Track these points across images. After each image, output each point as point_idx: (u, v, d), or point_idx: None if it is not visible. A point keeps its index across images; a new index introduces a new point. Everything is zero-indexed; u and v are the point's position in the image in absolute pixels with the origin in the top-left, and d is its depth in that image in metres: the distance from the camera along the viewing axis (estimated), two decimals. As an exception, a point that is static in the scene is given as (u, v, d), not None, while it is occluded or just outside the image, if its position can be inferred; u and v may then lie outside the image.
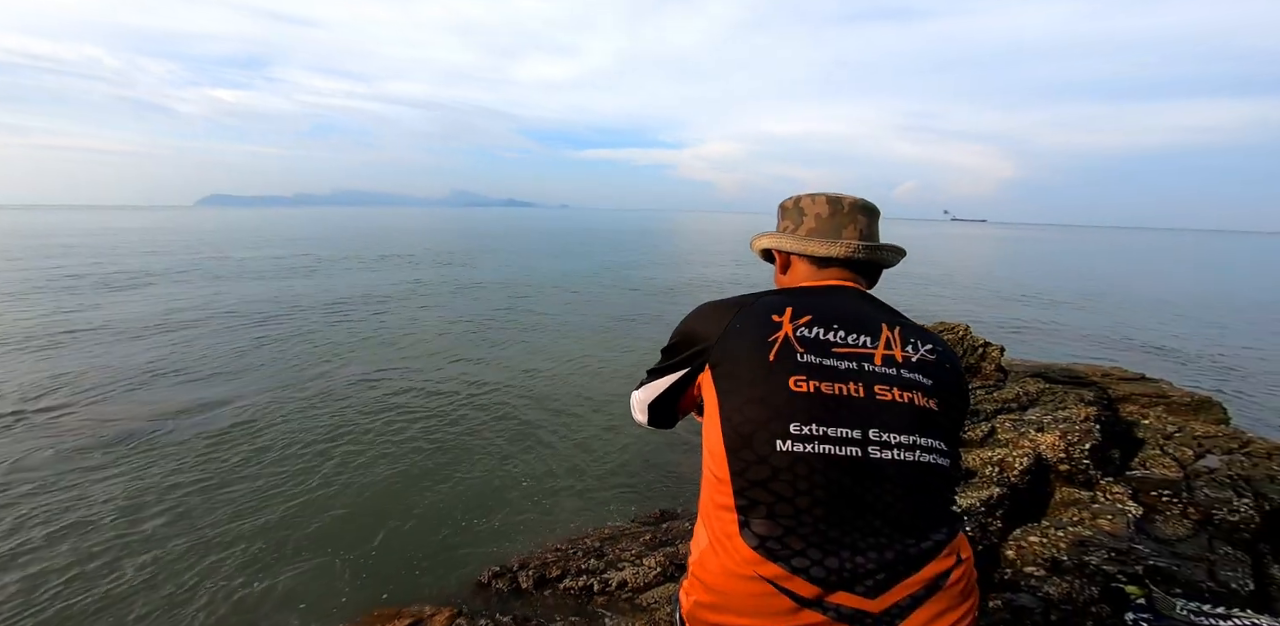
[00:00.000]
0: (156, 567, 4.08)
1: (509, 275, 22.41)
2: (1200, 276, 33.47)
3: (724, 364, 0.90)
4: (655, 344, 11.90)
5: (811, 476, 0.77)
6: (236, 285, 17.98)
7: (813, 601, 0.74)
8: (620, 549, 4.08)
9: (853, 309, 0.95)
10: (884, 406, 0.83)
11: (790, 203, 1.08)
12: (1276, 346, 13.35)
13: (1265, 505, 3.07)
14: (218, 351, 9.87)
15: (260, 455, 5.82)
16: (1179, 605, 1.95)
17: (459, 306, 15.21)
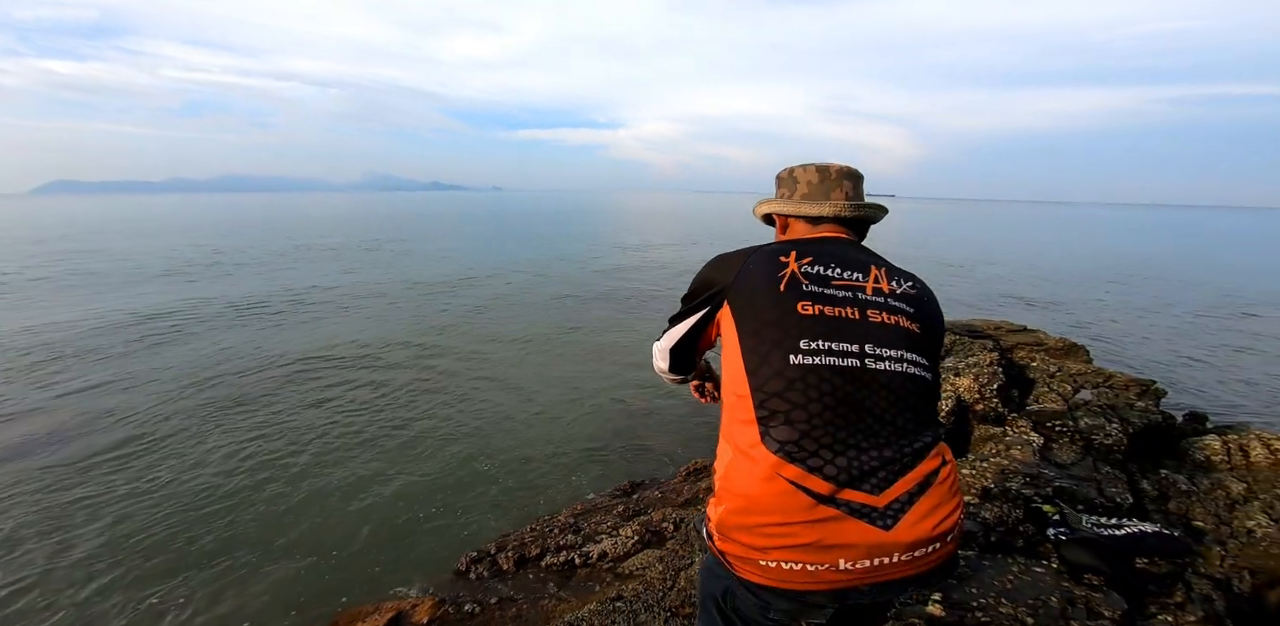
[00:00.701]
0: (124, 583, 3.71)
1: (449, 263, 21.12)
2: (1063, 243, 38.26)
3: (741, 298, 1.00)
4: (605, 322, 12.11)
5: (820, 385, 0.87)
6: (122, 284, 15.66)
7: (827, 498, 0.83)
8: (595, 522, 4.14)
9: (845, 252, 1.08)
10: (875, 326, 0.95)
11: (785, 173, 1.22)
12: (1119, 299, 15.80)
13: (1129, 429, 3.63)
14: (127, 359, 8.65)
15: (206, 462, 5.26)
16: (1084, 519, 2.31)
17: (397, 296, 14.27)
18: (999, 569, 1.91)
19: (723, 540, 0.92)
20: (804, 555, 0.83)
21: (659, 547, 3.83)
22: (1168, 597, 2.03)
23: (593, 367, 8.62)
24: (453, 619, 3.44)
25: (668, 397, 6.79)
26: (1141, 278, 20.47)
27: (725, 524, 0.90)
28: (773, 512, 0.84)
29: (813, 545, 0.83)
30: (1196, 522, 2.74)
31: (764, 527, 0.85)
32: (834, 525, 0.83)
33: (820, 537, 0.82)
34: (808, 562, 0.84)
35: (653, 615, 2.07)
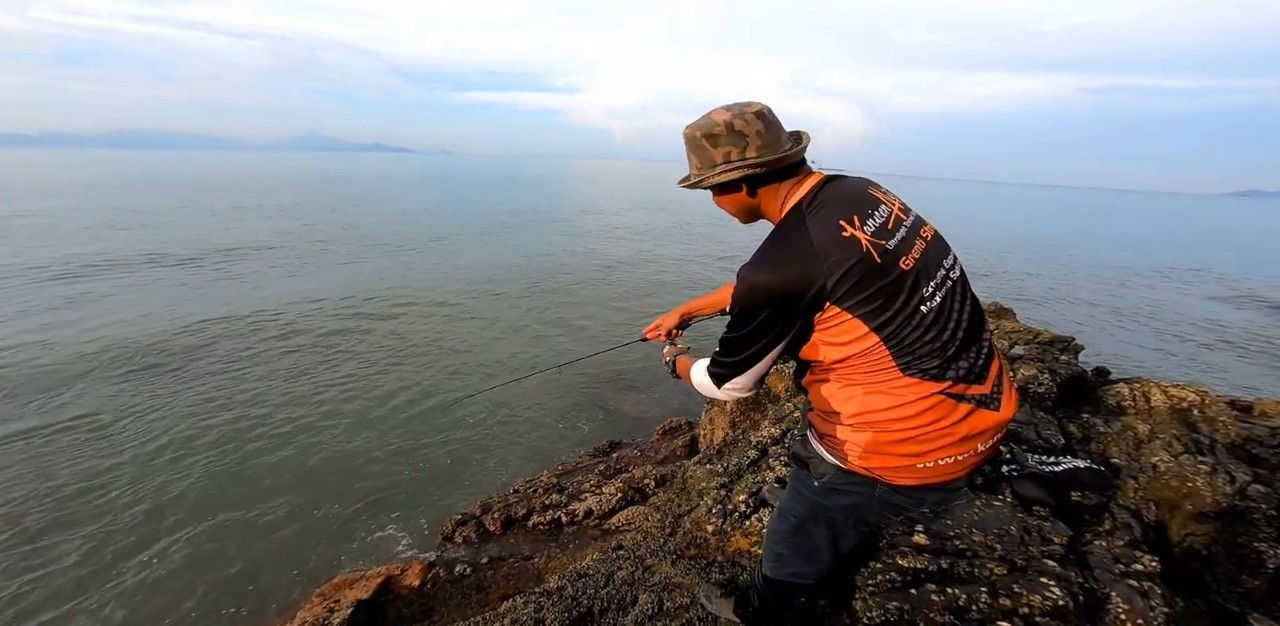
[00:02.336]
0: (128, 542, 3.57)
1: (414, 226, 19.76)
2: (995, 217, 40.77)
3: (850, 292, 0.97)
4: (571, 288, 11.72)
5: (939, 319, 1.00)
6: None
7: (962, 395, 1.01)
8: (578, 481, 4.17)
9: (858, 192, 1.07)
10: (931, 249, 1.04)
11: (720, 129, 1.05)
12: (1041, 267, 17.21)
13: (1057, 379, 3.96)
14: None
15: (190, 440, 4.86)
16: (1030, 458, 2.53)
17: (356, 264, 13.31)
18: (966, 504, 2.08)
19: (871, 457, 1.06)
20: (956, 448, 1.02)
21: (642, 503, 3.92)
22: (1099, 526, 2.28)
23: (559, 332, 8.52)
24: (443, 580, 3.43)
25: (635, 361, 6.84)
26: (1052, 249, 22.26)
27: (877, 443, 1.04)
28: (931, 421, 1.00)
29: (963, 438, 1.01)
30: (1113, 460, 3.05)
31: (924, 435, 1.01)
32: (972, 417, 1.01)
33: (967, 430, 1.01)
34: (958, 454, 1.03)
35: (658, 559, 2.12)
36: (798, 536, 1.26)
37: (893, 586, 1.61)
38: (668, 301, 11.18)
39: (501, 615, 2.27)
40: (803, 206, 1.04)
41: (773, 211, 1.12)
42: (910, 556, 1.71)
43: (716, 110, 1.08)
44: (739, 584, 1.91)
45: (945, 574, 1.66)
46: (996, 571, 1.64)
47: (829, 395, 1.09)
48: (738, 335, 1.07)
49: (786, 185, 1.09)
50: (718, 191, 1.15)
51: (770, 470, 2.34)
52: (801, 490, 1.22)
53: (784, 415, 2.93)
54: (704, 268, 15.13)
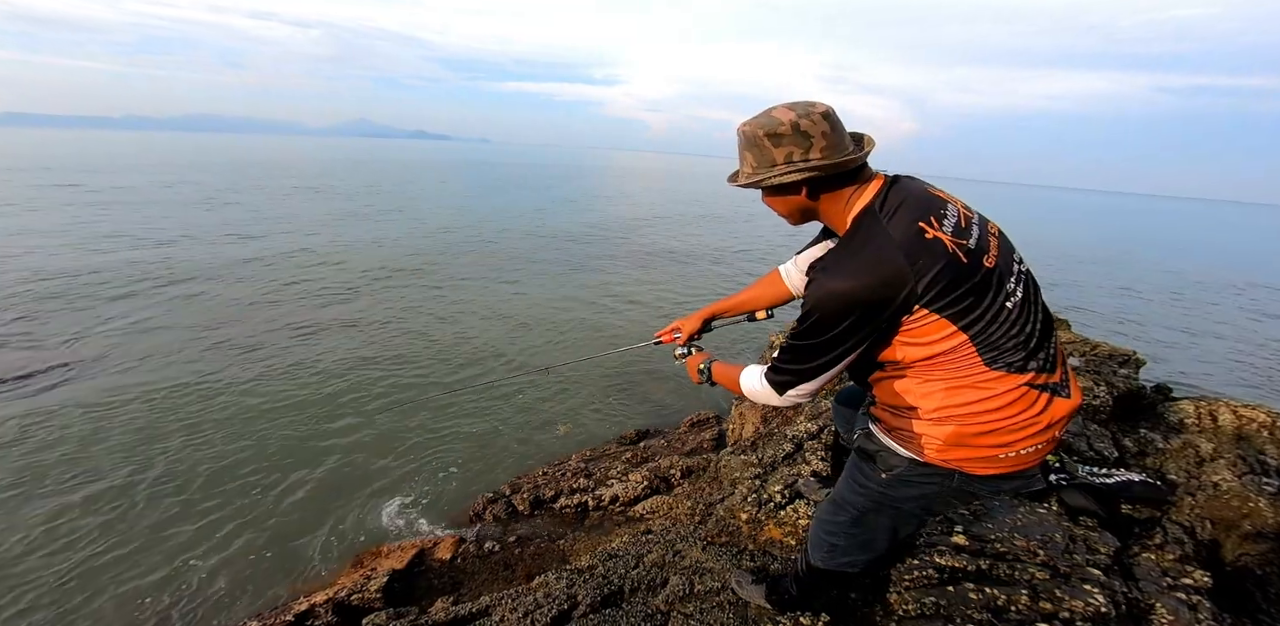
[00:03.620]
0: (172, 522, 3.84)
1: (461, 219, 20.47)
2: (1054, 224, 39.02)
3: (935, 290, 1.00)
4: (604, 276, 11.94)
5: (1021, 314, 1.06)
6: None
7: (1043, 385, 1.07)
8: (605, 467, 4.29)
9: (924, 193, 1.10)
10: (1002, 245, 1.09)
11: (784, 128, 1.05)
12: (1107, 278, 16.47)
13: (1114, 392, 3.86)
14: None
15: (247, 410, 5.27)
16: (1080, 468, 2.51)
17: (417, 251, 13.87)
18: (1008, 509, 2.10)
19: (952, 450, 1.12)
20: (1039, 437, 1.08)
21: (667, 493, 4.03)
22: (1149, 539, 2.26)
23: (592, 320, 8.69)
24: (473, 556, 3.62)
25: (662, 356, 6.89)
26: (1118, 261, 21.18)
27: (960, 436, 1.10)
28: (1017, 413, 1.06)
29: (1045, 427, 1.07)
30: (1170, 476, 2.99)
31: (1010, 426, 1.07)
32: (1052, 406, 1.07)
33: (1049, 419, 1.07)
34: (1039, 443, 1.09)
35: (689, 544, 2.22)
36: (858, 527, 1.33)
37: (929, 582, 1.65)
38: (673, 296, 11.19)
39: (534, 589, 2.42)
40: (875, 210, 1.05)
41: (834, 215, 1.13)
42: (949, 555, 1.75)
43: (778, 108, 1.08)
44: (770, 572, 1.98)
45: (984, 574, 1.69)
46: (1038, 575, 1.67)
47: (903, 391, 1.13)
48: (812, 343, 1.08)
49: (850, 189, 1.10)
50: (771, 192, 1.15)
51: (806, 464, 2.40)
52: (866, 483, 1.27)
53: (820, 411, 2.97)
54: (737, 266, 15.06)
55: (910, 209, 1.03)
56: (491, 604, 2.42)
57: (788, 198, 1.13)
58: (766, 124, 1.06)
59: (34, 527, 3.74)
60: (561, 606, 2.14)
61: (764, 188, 1.14)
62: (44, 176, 25.96)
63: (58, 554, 3.55)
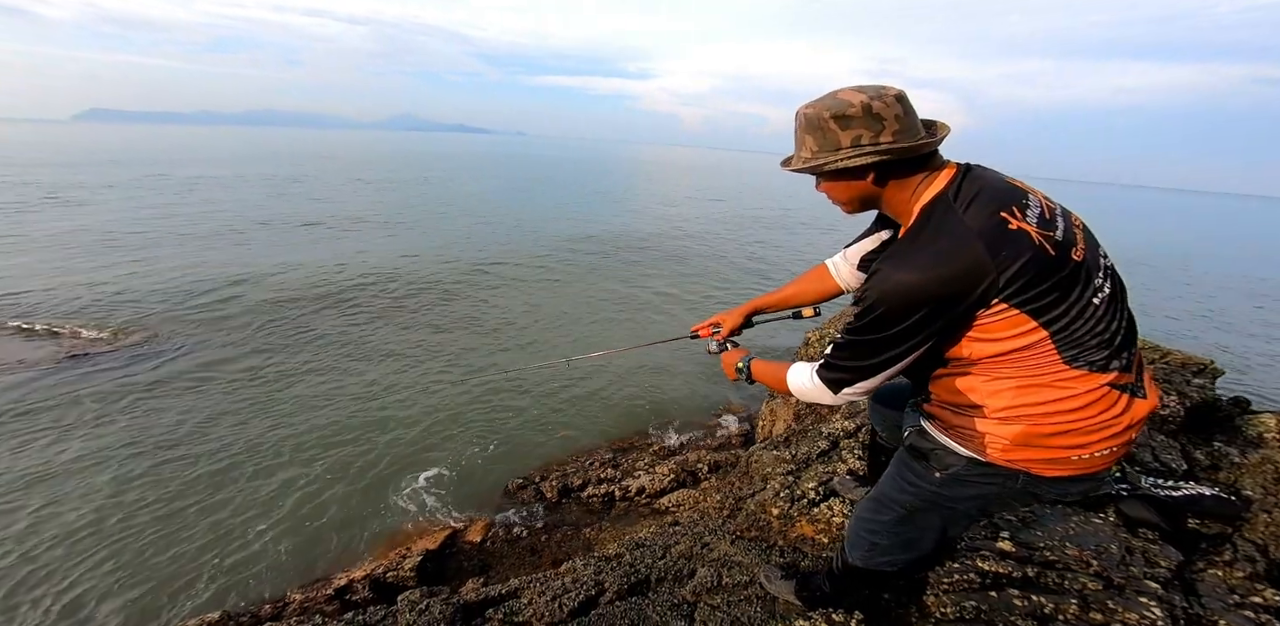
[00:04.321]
0: (232, 494, 4.15)
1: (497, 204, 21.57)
2: (1126, 225, 36.75)
3: (1018, 283, 0.96)
4: (642, 273, 12.07)
5: (1107, 311, 1.02)
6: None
7: (1124, 385, 1.04)
8: (633, 459, 4.34)
9: (1002, 182, 1.05)
10: (1087, 238, 1.04)
11: (854, 110, 1.00)
12: (1168, 282, 15.41)
13: (1186, 402, 3.63)
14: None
15: (287, 386, 5.65)
16: (1143, 479, 2.38)
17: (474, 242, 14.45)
18: (1060, 517, 2.02)
19: (1019, 450, 1.08)
20: (1116, 439, 1.05)
21: (693, 487, 4.05)
22: (1217, 555, 2.13)
23: (622, 314, 8.76)
24: (501, 540, 3.75)
25: (695, 348, 6.93)
26: (1192, 264, 19.75)
27: (1030, 436, 1.06)
28: (1097, 414, 1.02)
29: (1125, 429, 1.04)
30: (1245, 492, 2.80)
31: (1087, 427, 1.03)
32: (1133, 407, 1.04)
33: (1129, 420, 1.03)
34: (1115, 445, 1.05)
35: (717, 537, 2.23)
36: (903, 526, 1.31)
37: (970, 587, 1.62)
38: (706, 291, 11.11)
39: (561, 574, 2.48)
40: (948, 198, 1.01)
41: (899, 203, 1.09)
42: (993, 561, 1.70)
43: (845, 91, 1.04)
44: (800, 569, 1.97)
45: (1030, 581, 1.64)
46: (1090, 585, 1.61)
47: (966, 389, 1.10)
48: (874, 338, 1.04)
49: (920, 176, 1.06)
50: (832, 177, 1.10)
51: (842, 462, 2.36)
52: (916, 481, 1.25)
53: (858, 410, 2.92)
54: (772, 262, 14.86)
55: (989, 198, 0.99)
56: (520, 586, 2.50)
57: (851, 182, 1.09)
58: (833, 106, 1.02)
59: (108, 490, 4.10)
60: (589, 592, 2.19)
61: (825, 172, 1.10)
62: (135, 169, 28.57)
63: (129, 516, 3.87)
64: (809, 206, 28.08)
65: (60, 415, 4.99)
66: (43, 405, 5.12)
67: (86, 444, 4.62)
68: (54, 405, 5.12)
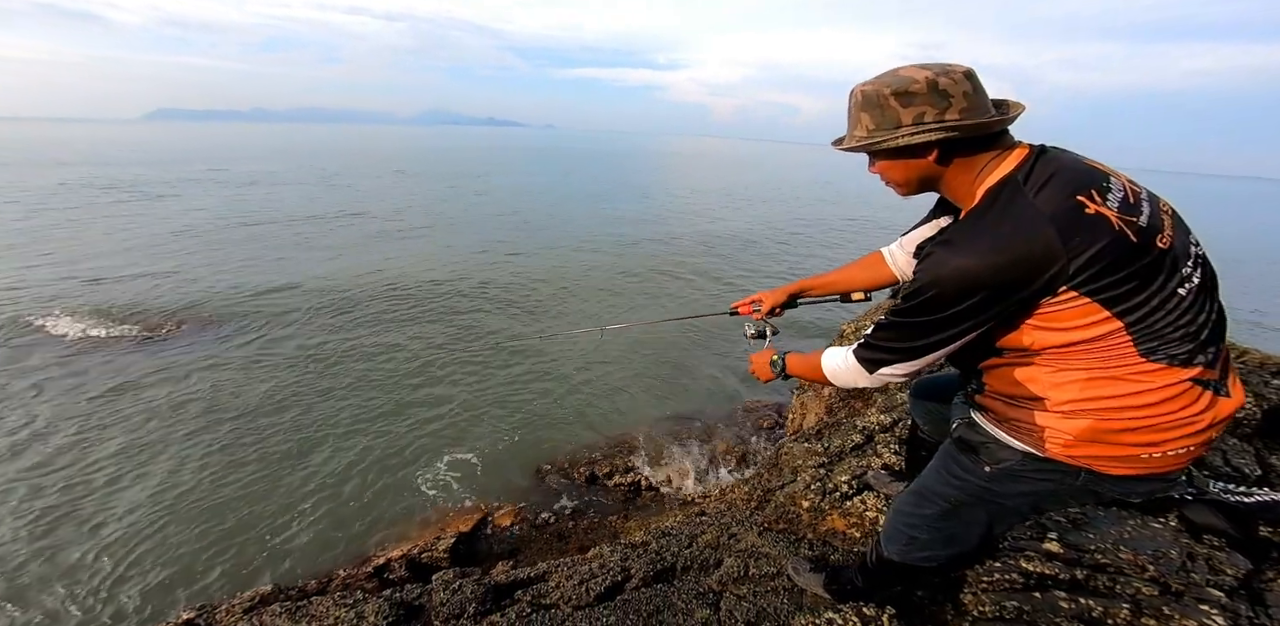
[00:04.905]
0: (263, 477, 4.42)
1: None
2: (1200, 216, 34.39)
3: (1091, 270, 0.92)
4: (676, 265, 12.18)
5: (1190, 304, 0.96)
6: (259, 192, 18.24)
7: (1208, 381, 0.97)
8: (658, 448, 4.37)
9: (1083, 165, 0.98)
10: (1176, 225, 0.98)
11: (919, 86, 0.97)
12: (1248, 276, 14.35)
13: (1264, 404, 3.38)
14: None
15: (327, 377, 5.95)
16: (1211, 484, 2.23)
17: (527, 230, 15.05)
18: (1114, 520, 1.92)
19: (1082, 446, 1.03)
20: (1194, 438, 0.98)
21: (720, 478, 4.04)
22: (1292, 566, 1.98)
23: (653, 304, 8.80)
24: (530, 525, 3.85)
25: (723, 338, 6.89)
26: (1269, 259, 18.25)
27: (1097, 431, 1.01)
28: (1175, 410, 0.96)
29: (1205, 427, 0.97)
30: (1329, 501, 2.59)
31: (1162, 424, 0.97)
32: (1217, 404, 0.98)
33: (1210, 419, 0.97)
34: (1192, 444, 0.98)
35: (744, 528, 2.23)
36: (947, 521, 1.27)
37: (1012, 587, 1.56)
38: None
39: (589, 559, 2.53)
40: (1018, 180, 0.96)
41: (961, 185, 1.05)
42: (1038, 561, 1.64)
43: (908, 68, 1.01)
44: (830, 562, 1.95)
45: (1078, 584, 1.57)
46: (1144, 591, 1.53)
47: (1026, 380, 1.06)
48: (921, 320, 1.01)
49: (987, 156, 1.01)
50: (890, 155, 1.06)
51: (877, 457, 2.31)
52: (963, 475, 1.21)
53: (895, 404, 2.84)
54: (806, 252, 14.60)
55: (1065, 180, 0.94)
56: (548, 570, 2.56)
57: (910, 161, 1.05)
58: (894, 82, 0.99)
59: (173, 466, 4.43)
60: (615, 577, 2.23)
61: (882, 150, 1.05)
62: (199, 165, 31.15)
63: (189, 494, 4.18)
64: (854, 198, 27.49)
65: (139, 393, 5.41)
66: (124, 382, 5.55)
67: (162, 424, 4.99)
68: (121, 384, 5.54)
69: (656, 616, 1.82)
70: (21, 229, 12.08)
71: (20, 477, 4.19)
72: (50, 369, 5.79)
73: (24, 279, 8.52)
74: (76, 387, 5.43)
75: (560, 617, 1.88)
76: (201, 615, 2.20)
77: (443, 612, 2.02)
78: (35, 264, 9.36)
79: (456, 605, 2.03)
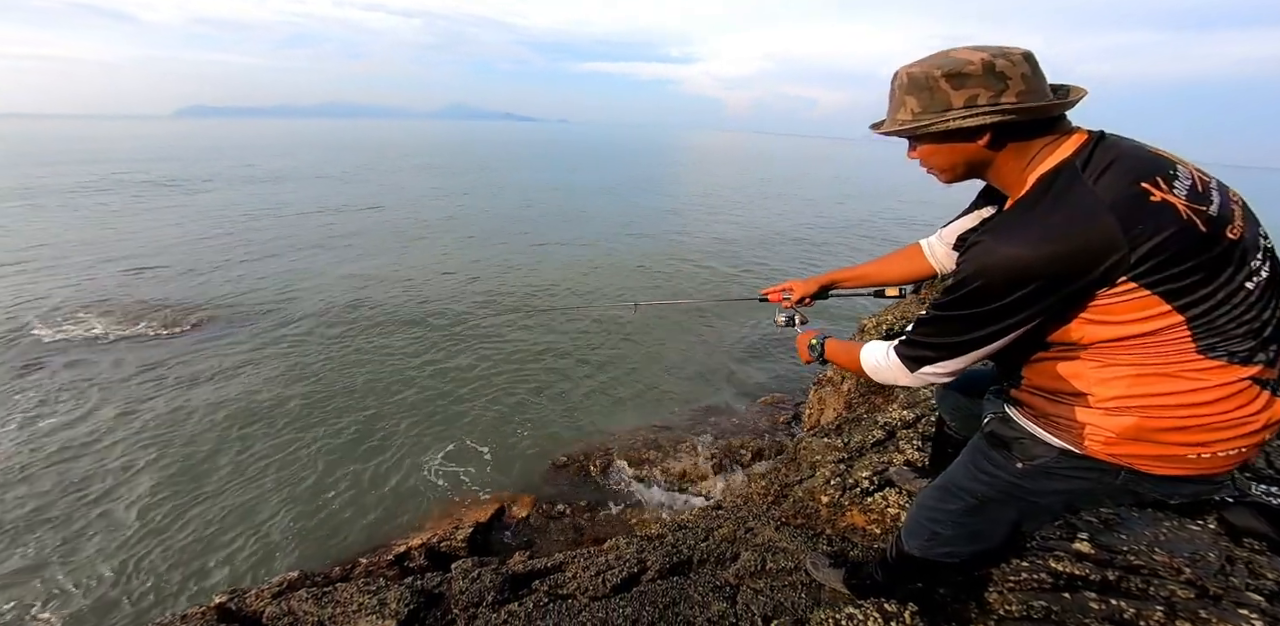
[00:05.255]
0: (286, 463, 4.58)
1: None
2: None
3: (1154, 261, 0.87)
4: (693, 259, 12.30)
5: (1256, 299, 0.91)
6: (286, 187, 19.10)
7: (1266, 381, 0.93)
8: (674, 441, 4.37)
9: (1146, 152, 0.94)
10: (1247, 216, 0.94)
11: (973, 68, 0.93)
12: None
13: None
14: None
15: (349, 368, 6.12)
16: (1254, 486, 2.15)
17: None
18: (1149, 522, 1.86)
19: (1125, 444, 1.00)
20: (1246, 439, 0.95)
21: (735, 472, 4.03)
22: (1339, 572, 1.90)
23: (667, 292, 8.83)
24: (546, 516, 3.89)
25: (741, 331, 6.85)
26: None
27: (1143, 429, 0.97)
28: (1230, 409, 0.92)
29: (1260, 428, 0.94)
30: (1381, 505, 2.47)
31: (1215, 424, 0.93)
32: (1274, 405, 0.93)
33: (1266, 420, 0.93)
34: (1244, 446, 0.95)
35: (761, 523, 2.22)
36: (972, 517, 1.24)
37: (1040, 587, 1.53)
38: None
39: (605, 551, 2.55)
40: (1075, 166, 0.92)
41: (1011, 171, 1.01)
42: (1067, 562, 1.60)
43: (960, 50, 0.98)
44: (849, 557, 1.93)
45: (1109, 585, 1.53)
46: (1179, 593, 1.48)
47: (1070, 375, 1.02)
48: (965, 314, 0.97)
49: (1042, 141, 0.97)
50: (937, 139, 1.02)
51: (899, 453, 2.28)
52: (993, 471, 1.18)
53: (918, 400, 2.79)
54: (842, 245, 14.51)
55: (1127, 167, 0.90)
56: (565, 560, 2.59)
57: (959, 146, 1.00)
58: (946, 64, 0.95)
59: (209, 452, 4.61)
60: (631, 569, 2.24)
61: (929, 134, 1.01)
62: (226, 161, 32.35)
63: (226, 479, 4.33)
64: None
65: (175, 379, 5.63)
66: (152, 375, 5.75)
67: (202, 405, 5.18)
68: (154, 372, 5.75)
69: (673, 608, 1.82)
70: (64, 223, 12.70)
71: (54, 461, 4.40)
72: (82, 363, 6.02)
73: (60, 271, 8.90)
74: (114, 381, 5.66)
75: (577, 608, 1.90)
76: (233, 599, 2.28)
77: (462, 600, 2.06)
78: (75, 257, 9.81)
79: (475, 593, 2.06)
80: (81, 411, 5.07)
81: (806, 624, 1.57)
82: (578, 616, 1.84)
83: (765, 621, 1.70)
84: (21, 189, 17.53)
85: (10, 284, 8.16)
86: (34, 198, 15.99)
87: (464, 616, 2.00)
